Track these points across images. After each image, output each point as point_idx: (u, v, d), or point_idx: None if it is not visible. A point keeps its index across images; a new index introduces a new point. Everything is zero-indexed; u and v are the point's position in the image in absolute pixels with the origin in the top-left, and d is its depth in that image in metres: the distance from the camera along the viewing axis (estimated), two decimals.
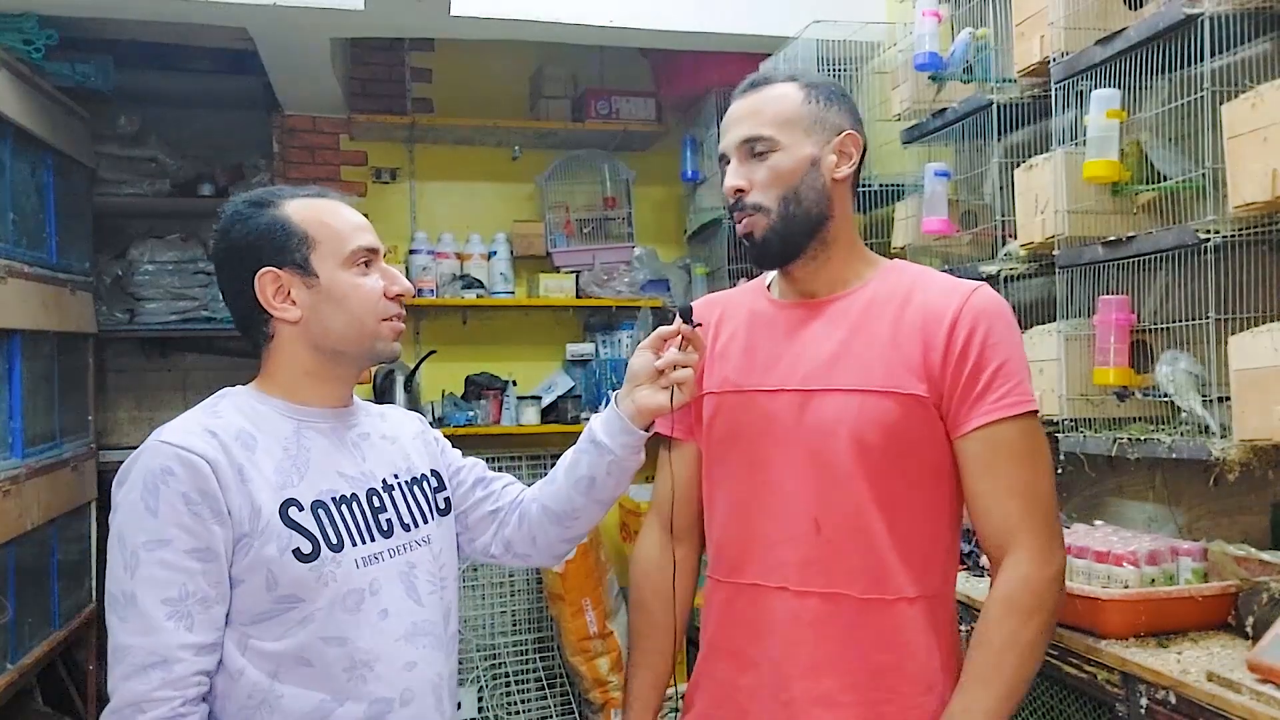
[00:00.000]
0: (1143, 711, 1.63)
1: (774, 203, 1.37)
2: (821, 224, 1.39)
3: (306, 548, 1.25)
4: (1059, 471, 2.24)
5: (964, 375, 1.31)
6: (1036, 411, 1.33)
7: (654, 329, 1.46)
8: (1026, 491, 1.30)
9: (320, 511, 1.28)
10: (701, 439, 1.48)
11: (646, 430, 1.44)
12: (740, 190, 1.38)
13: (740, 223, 1.40)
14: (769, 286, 1.50)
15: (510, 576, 4.00)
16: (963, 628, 1.47)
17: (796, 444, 1.36)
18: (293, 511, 1.26)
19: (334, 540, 1.28)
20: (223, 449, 1.24)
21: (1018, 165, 2.32)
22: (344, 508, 1.31)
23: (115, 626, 1.20)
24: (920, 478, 1.34)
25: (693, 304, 1.44)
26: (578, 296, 4.04)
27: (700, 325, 1.44)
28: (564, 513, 1.49)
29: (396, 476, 1.40)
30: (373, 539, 1.32)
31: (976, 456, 1.31)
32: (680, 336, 1.40)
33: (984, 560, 1.88)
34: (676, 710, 1.53)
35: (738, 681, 1.40)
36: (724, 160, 1.42)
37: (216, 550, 1.21)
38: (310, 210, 1.34)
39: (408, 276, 3.82)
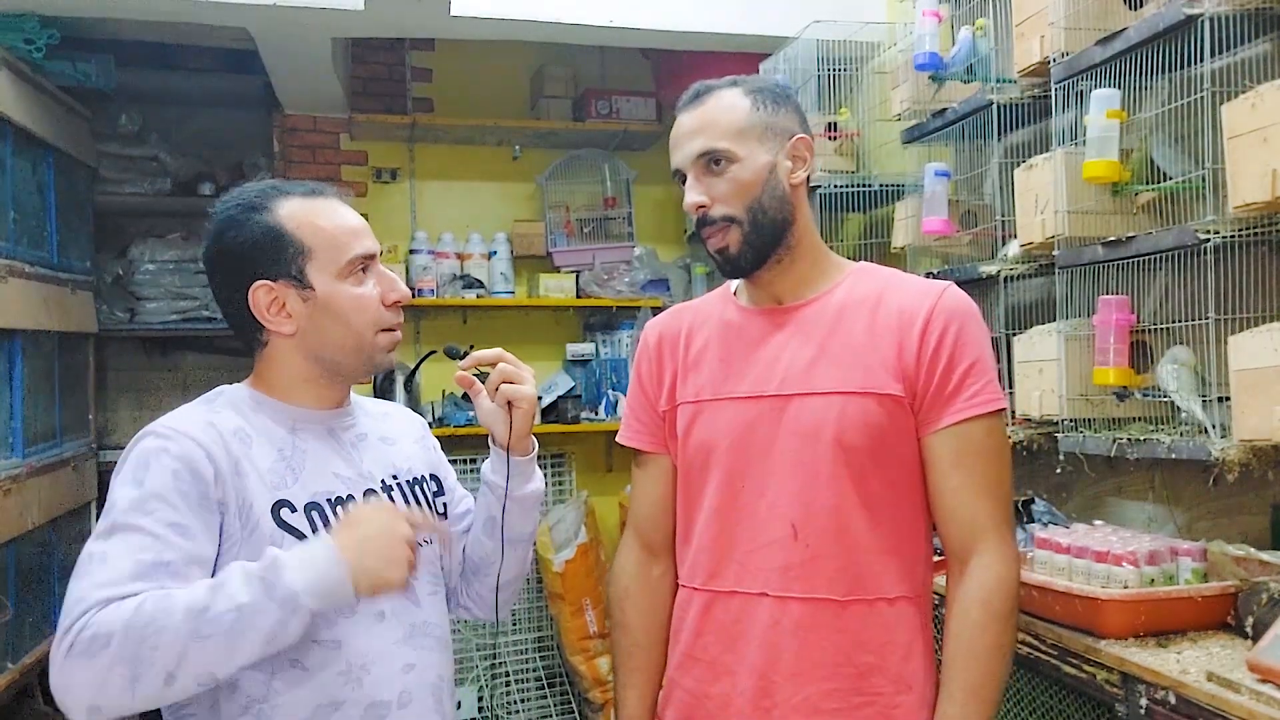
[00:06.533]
0: (1142, 712, 1.63)
1: (743, 214, 1.36)
2: (786, 229, 1.39)
3: None
4: (1058, 471, 2.25)
5: (937, 373, 1.33)
6: (1003, 411, 1.35)
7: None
8: (995, 489, 1.33)
9: (314, 513, 1.26)
10: (675, 450, 1.48)
11: (515, 454, 1.43)
12: (703, 206, 1.37)
13: (712, 238, 1.39)
14: (735, 293, 1.49)
15: None
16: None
17: (776, 449, 1.36)
18: (285, 513, 1.24)
19: None
20: (221, 440, 1.22)
21: (1018, 165, 2.32)
22: (339, 509, 1.29)
23: (73, 584, 1.11)
24: (899, 477, 1.35)
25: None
26: (578, 296, 4.04)
27: (467, 351, 1.42)
28: (480, 560, 1.48)
29: (395, 477, 1.39)
30: None
31: (947, 453, 1.33)
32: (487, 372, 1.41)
33: None
34: None
35: (708, 691, 1.40)
36: (678, 176, 1.41)
37: (195, 533, 1.16)
38: (305, 214, 1.30)
39: (408, 276, 3.83)
